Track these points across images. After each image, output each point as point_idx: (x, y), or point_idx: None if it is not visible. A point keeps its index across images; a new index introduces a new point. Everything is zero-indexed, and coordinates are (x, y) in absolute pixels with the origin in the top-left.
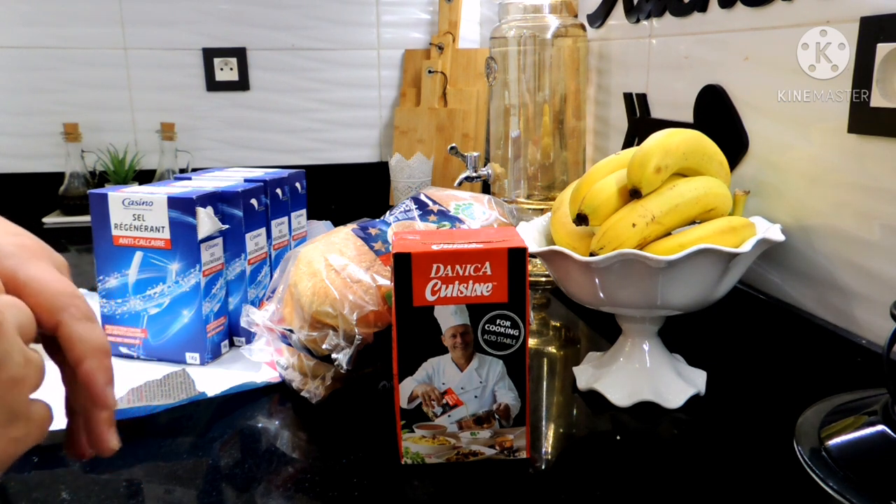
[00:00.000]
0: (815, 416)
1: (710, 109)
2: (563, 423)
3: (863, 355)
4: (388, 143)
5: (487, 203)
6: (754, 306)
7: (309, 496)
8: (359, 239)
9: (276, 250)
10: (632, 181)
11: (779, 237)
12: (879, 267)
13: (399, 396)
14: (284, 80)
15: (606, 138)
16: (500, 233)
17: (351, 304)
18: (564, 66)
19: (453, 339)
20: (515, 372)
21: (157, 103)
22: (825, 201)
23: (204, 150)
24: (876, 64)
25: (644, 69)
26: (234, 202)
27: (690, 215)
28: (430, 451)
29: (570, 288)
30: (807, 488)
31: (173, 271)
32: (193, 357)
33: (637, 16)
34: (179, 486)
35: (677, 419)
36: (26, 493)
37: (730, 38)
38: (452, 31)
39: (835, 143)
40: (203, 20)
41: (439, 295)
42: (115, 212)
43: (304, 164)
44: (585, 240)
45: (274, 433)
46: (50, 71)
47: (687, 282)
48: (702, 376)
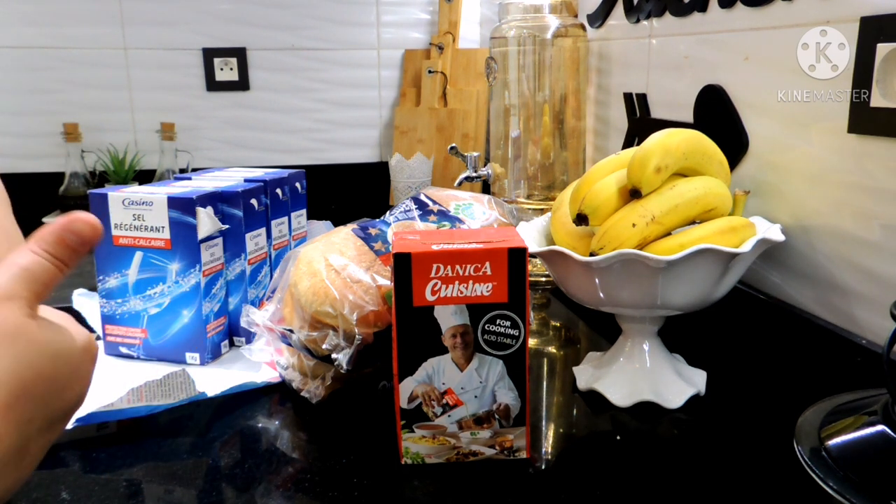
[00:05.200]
0: (815, 416)
1: (710, 109)
2: (563, 423)
3: (863, 355)
4: (388, 143)
5: (487, 203)
6: (754, 306)
7: (309, 496)
8: (359, 239)
9: (276, 250)
10: (632, 181)
11: (779, 237)
12: (879, 267)
13: (399, 396)
14: (284, 80)
15: (606, 138)
16: (500, 233)
17: (351, 304)
18: (564, 66)
19: (453, 339)
20: (515, 372)
21: (157, 103)
22: (825, 201)
23: (204, 150)
24: (876, 64)
25: (644, 69)
26: (234, 202)
27: (690, 215)
28: (430, 451)
29: (570, 288)
30: (807, 488)
31: (173, 271)
32: (193, 357)
33: (637, 16)
34: (179, 486)
35: (677, 419)
36: (26, 493)
37: (730, 38)
38: (452, 31)
39: (835, 143)
40: (203, 20)
41: (439, 295)
42: (115, 212)
43: (304, 164)
44: (585, 240)
45: (274, 433)
46: (50, 71)
47: (687, 282)
48: (702, 376)
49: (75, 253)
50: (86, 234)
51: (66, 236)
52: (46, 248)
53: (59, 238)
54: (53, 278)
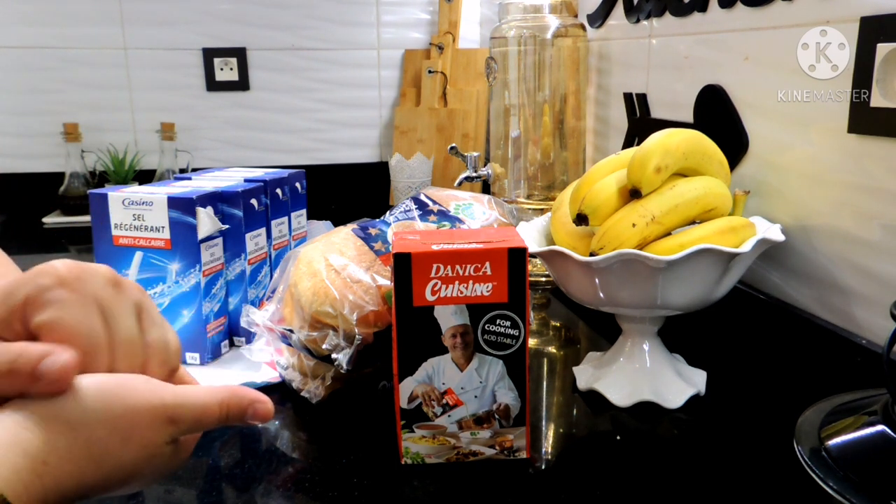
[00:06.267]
0: (815, 416)
1: (710, 109)
2: (563, 423)
3: (863, 355)
4: (388, 143)
5: (487, 203)
6: (754, 306)
7: (309, 496)
8: (359, 239)
9: (276, 250)
10: (632, 181)
11: (779, 237)
12: (879, 267)
13: (399, 396)
14: (284, 80)
15: (606, 138)
16: (500, 233)
17: (351, 304)
18: (564, 66)
19: (453, 339)
20: (515, 372)
21: (157, 103)
22: (825, 201)
23: (204, 150)
24: (876, 64)
25: (644, 69)
26: (234, 202)
27: (690, 215)
28: (430, 451)
29: (570, 288)
30: (807, 488)
31: (173, 271)
32: (193, 357)
33: (637, 16)
34: (179, 486)
35: (677, 419)
36: None
37: (730, 38)
38: (452, 31)
39: (835, 143)
40: (203, 20)
41: (439, 295)
42: (115, 212)
43: (304, 164)
44: (585, 240)
45: (274, 433)
46: (50, 71)
47: (687, 282)
48: (702, 376)
49: (237, 420)
50: (255, 417)
51: (248, 412)
52: (228, 412)
53: (241, 410)
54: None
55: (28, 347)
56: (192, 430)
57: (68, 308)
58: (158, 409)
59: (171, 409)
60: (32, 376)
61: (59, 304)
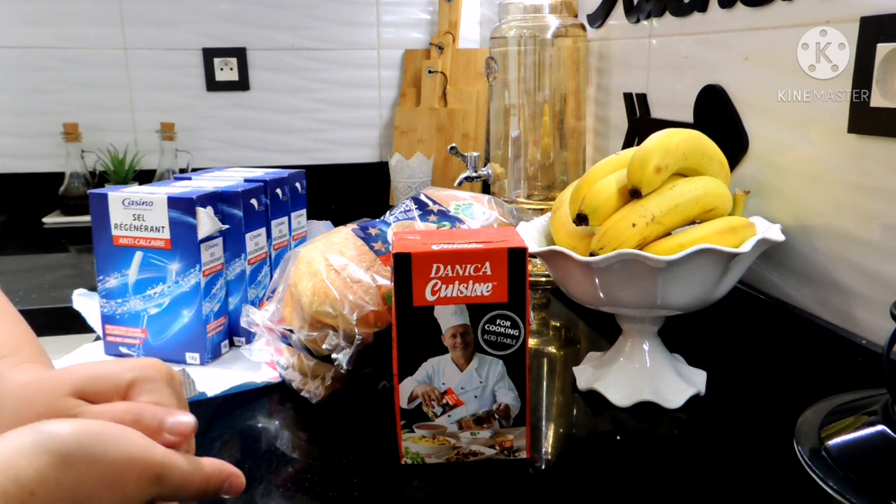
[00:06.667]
0: (815, 416)
1: (710, 109)
2: (563, 423)
3: (863, 355)
4: (388, 143)
5: (487, 203)
6: (754, 306)
7: (309, 496)
8: (359, 239)
9: (276, 250)
10: (632, 181)
11: (779, 237)
12: (879, 267)
13: (399, 396)
14: (284, 80)
15: (606, 138)
16: (500, 233)
17: (351, 304)
18: (564, 66)
19: (453, 339)
20: (515, 372)
21: (157, 103)
22: (825, 201)
23: (204, 150)
24: (876, 64)
25: (644, 69)
26: (234, 202)
27: (690, 215)
28: (430, 451)
29: (570, 288)
30: (807, 488)
31: (173, 271)
32: (193, 357)
33: (637, 16)
34: None
35: (677, 419)
36: None
37: (730, 38)
38: (452, 31)
39: (835, 143)
40: (203, 20)
41: (439, 295)
42: (115, 212)
43: (304, 164)
44: (585, 240)
45: (274, 433)
46: (50, 71)
47: (687, 282)
48: (702, 376)
49: (214, 492)
50: (230, 491)
51: (224, 486)
52: (208, 484)
53: (219, 483)
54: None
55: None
56: (171, 495)
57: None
58: (149, 465)
59: (159, 467)
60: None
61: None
